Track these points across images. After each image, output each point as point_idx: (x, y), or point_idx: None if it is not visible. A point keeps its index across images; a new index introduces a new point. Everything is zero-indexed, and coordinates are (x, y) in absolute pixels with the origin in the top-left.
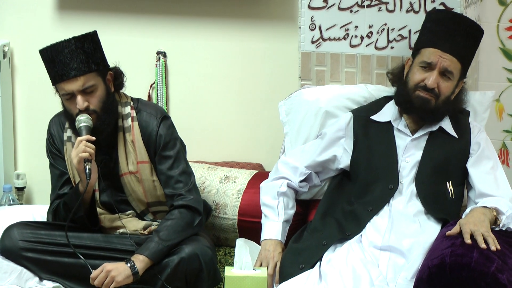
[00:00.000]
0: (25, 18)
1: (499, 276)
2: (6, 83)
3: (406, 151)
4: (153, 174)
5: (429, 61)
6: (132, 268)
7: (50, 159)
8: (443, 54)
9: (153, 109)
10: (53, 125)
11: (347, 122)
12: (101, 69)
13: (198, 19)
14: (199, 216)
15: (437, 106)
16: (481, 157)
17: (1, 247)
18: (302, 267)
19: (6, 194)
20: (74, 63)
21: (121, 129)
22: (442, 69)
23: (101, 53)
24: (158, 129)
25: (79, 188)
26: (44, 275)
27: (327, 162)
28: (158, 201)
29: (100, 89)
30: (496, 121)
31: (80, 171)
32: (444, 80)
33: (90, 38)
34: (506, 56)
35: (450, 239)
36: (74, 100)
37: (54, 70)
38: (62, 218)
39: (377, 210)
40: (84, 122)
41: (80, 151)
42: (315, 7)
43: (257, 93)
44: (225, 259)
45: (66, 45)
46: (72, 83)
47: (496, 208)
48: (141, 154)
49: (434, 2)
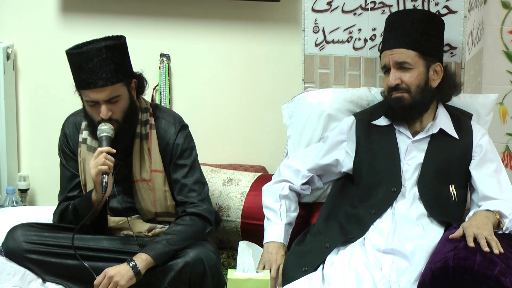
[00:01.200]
0: (29, 20)
1: (502, 279)
2: (10, 85)
3: (408, 154)
4: (165, 184)
5: (383, 64)
6: (134, 269)
7: (61, 159)
8: (390, 51)
9: (172, 117)
10: (68, 125)
11: (350, 125)
12: (127, 79)
13: (201, 22)
14: (210, 226)
15: (413, 99)
16: (484, 160)
17: (5, 248)
18: (305, 269)
19: (9, 196)
20: (103, 73)
21: (139, 136)
22: (395, 64)
23: (129, 62)
24: (176, 138)
25: (91, 197)
26: (47, 277)
27: (329, 166)
28: (166, 212)
29: (124, 99)
30: (500, 124)
31: (97, 183)
32: (404, 72)
33: (120, 46)
34: (509, 59)
35: (453, 242)
36: (98, 107)
37: (81, 76)
38: (69, 221)
39: (380, 213)
40: (105, 132)
41: (99, 163)
42: (318, 10)
43: (260, 96)
44: (228, 262)
45: (96, 54)
46: (99, 93)
47: (499, 211)
48: (156, 163)
49: (437, 5)
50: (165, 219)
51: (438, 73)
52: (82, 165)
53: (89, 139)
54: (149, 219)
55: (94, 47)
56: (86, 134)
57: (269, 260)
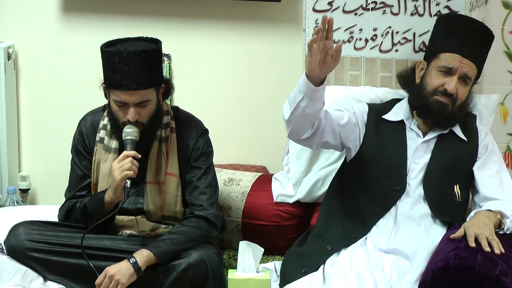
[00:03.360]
0: (30, 20)
1: (503, 279)
2: (11, 85)
3: (416, 153)
4: (178, 189)
5: (450, 66)
6: (134, 265)
7: (74, 156)
8: (463, 60)
9: (193, 121)
10: (86, 124)
11: (363, 111)
12: (158, 84)
13: (202, 22)
14: (215, 231)
15: (453, 111)
16: (487, 161)
17: (7, 245)
18: (305, 271)
19: (10, 195)
20: (138, 77)
21: (158, 138)
22: (462, 74)
23: (162, 67)
24: (197, 142)
25: (104, 198)
26: (49, 275)
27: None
28: (173, 217)
29: (153, 104)
30: (501, 124)
31: (119, 187)
32: (462, 86)
33: (158, 52)
34: (510, 59)
35: (454, 242)
36: (126, 109)
37: (114, 76)
38: (75, 219)
39: (383, 212)
40: (131, 136)
41: (126, 168)
42: (319, 10)
43: (261, 96)
44: (229, 262)
45: (134, 57)
46: (130, 95)
47: (501, 211)
48: (172, 166)
49: (438, 5)
50: (171, 223)
51: (471, 92)
52: (96, 165)
53: (106, 139)
54: (154, 221)
55: (133, 50)
56: (103, 133)
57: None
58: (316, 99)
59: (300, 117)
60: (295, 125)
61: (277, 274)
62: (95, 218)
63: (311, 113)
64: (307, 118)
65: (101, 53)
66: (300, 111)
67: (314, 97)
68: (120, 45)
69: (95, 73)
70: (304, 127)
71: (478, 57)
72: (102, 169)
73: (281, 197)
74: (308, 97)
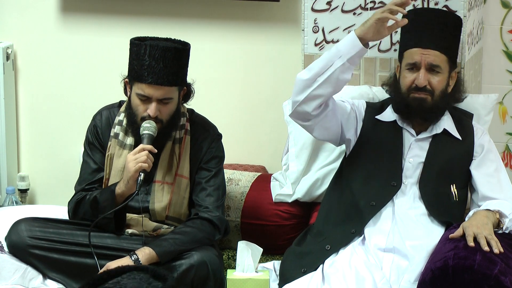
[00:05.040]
0: (28, 20)
1: (502, 278)
2: (9, 85)
3: (410, 151)
4: (186, 191)
5: (413, 62)
6: (136, 262)
7: (87, 149)
8: (424, 51)
9: (208, 125)
10: (101, 118)
11: (361, 107)
12: (182, 85)
13: (201, 22)
14: (219, 234)
15: (435, 103)
16: (485, 160)
17: (8, 242)
18: (304, 270)
19: (9, 196)
20: (165, 73)
21: (172, 139)
22: (427, 65)
23: (187, 69)
24: (210, 146)
25: (115, 190)
26: (49, 273)
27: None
28: (177, 218)
29: (174, 103)
30: (500, 123)
31: (132, 178)
32: (434, 75)
33: (187, 53)
34: (509, 59)
35: (453, 242)
36: (147, 103)
37: (142, 69)
38: (83, 211)
39: (379, 206)
40: (149, 131)
41: (141, 160)
42: (318, 10)
43: (260, 96)
44: (228, 262)
45: (164, 54)
46: (155, 90)
47: (499, 211)
48: (183, 168)
49: (437, 4)
50: (175, 224)
51: (453, 79)
52: (109, 160)
53: (121, 135)
54: (158, 221)
55: (164, 46)
56: (118, 129)
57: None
58: (353, 65)
59: (326, 83)
60: (312, 94)
61: (276, 273)
62: (106, 211)
63: (341, 79)
64: (331, 85)
65: (130, 46)
66: (329, 74)
67: (354, 62)
68: (151, 41)
69: (93, 73)
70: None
71: (442, 43)
72: (115, 165)
73: (279, 196)
74: (350, 60)
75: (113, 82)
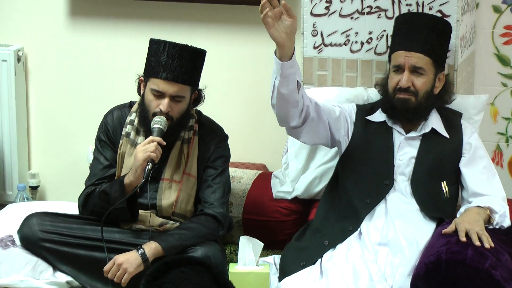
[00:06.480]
0: (38, 24)
1: (493, 272)
2: (21, 86)
3: (400, 149)
4: (193, 189)
5: (397, 64)
6: (142, 256)
7: (98, 146)
8: (408, 54)
9: (215, 127)
10: (112, 117)
11: (351, 110)
12: (194, 86)
13: (207, 26)
14: (222, 230)
15: (418, 103)
16: (474, 157)
17: (20, 235)
18: (303, 264)
19: (20, 192)
20: (181, 72)
21: (181, 139)
22: (411, 67)
23: (201, 73)
24: (217, 146)
25: (123, 181)
26: (59, 266)
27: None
28: (183, 215)
29: (185, 102)
30: (491, 123)
31: (141, 167)
32: (417, 77)
33: (203, 57)
34: (500, 62)
35: (446, 237)
36: (160, 99)
37: (159, 65)
38: (93, 204)
39: (374, 204)
40: (159, 125)
41: (150, 150)
42: (317, 14)
43: (261, 97)
44: (231, 257)
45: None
46: (170, 86)
47: (490, 207)
48: (191, 167)
49: (431, 9)
50: (179, 220)
51: (441, 81)
52: (121, 158)
53: (132, 134)
54: (164, 217)
55: (182, 45)
56: (129, 128)
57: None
58: (288, 78)
59: (279, 98)
60: (278, 109)
61: (276, 267)
62: (117, 200)
63: (287, 93)
64: (284, 99)
65: (150, 44)
66: (276, 92)
67: (285, 75)
68: (168, 42)
69: (100, 74)
70: (288, 111)
71: (426, 47)
72: (126, 162)
73: (280, 193)
74: (280, 75)
75: (119, 83)
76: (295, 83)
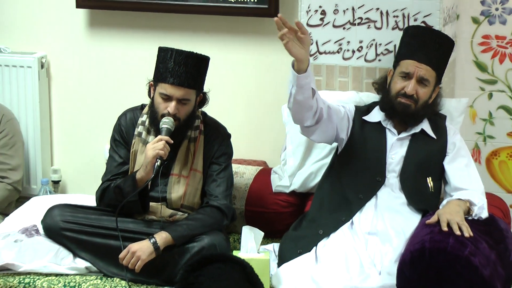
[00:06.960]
0: (60, 34)
1: (472, 259)
2: (44, 90)
3: (392, 149)
4: (200, 183)
5: (407, 71)
6: (154, 245)
7: (112, 145)
8: (419, 65)
9: (219, 126)
10: (125, 118)
11: (351, 109)
12: (199, 90)
13: (212, 35)
14: (226, 220)
15: (416, 110)
16: (456, 156)
17: (44, 225)
18: (300, 251)
19: (43, 186)
20: (186, 77)
21: (188, 138)
22: (418, 77)
23: (205, 77)
24: (221, 144)
25: (135, 176)
26: (79, 253)
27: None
28: (191, 207)
29: (191, 105)
30: (470, 124)
31: (150, 163)
32: (422, 87)
33: (207, 63)
34: (478, 68)
35: (429, 227)
36: (168, 102)
37: (166, 71)
38: (108, 198)
39: (366, 199)
40: (167, 125)
41: (158, 148)
42: (312, 25)
43: (262, 100)
44: (234, 245)
45: (186, 59)
46: (176, 90)
47: (469, 200)
48: (197, 164)
49: (416, 20)
50: (188, 211)
51: (435, 93)
52: (134, 156)
53: (143, 134)
54: (174, 208)
55: (187, 52)
56: (141, 129)
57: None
58: (303, 87)
59: (295, 104)
60: (294, 112)
61: (275, 254)
62: (130, 194)
63: (302, 100)
64: (300, 104)
65: (158, 52)
66: (293, 98)
67: (301, 85)
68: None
69: (116, 79)
70: (303, 114)
71: (435, 61)
72: (139, 160)
73: (278, 187)
74: (296, 85)
75: (133, 88)
76: (310, 91)
